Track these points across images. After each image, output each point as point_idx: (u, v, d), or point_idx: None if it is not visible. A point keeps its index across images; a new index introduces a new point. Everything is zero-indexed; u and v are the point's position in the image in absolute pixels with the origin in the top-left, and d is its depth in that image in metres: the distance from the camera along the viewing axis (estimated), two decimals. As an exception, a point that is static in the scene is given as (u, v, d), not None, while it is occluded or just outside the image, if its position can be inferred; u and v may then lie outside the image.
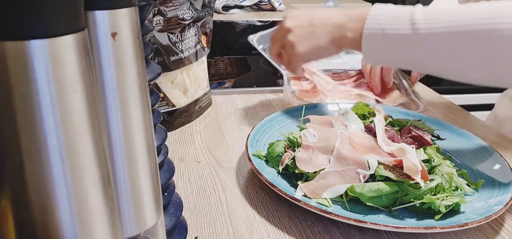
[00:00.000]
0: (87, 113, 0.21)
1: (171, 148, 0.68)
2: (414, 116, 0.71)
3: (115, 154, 0.27)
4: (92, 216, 0.22)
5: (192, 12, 0.73)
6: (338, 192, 0.51)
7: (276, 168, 0.58)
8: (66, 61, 0.20)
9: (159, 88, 0.71)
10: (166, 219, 0.39)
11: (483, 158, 0.61)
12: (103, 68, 0.25)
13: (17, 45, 0.18)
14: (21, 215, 0.20)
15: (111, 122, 0.26)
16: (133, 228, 0.29)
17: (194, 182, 0.59)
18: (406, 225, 0.47)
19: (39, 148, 0.20)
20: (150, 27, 0.38)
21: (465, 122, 0.80)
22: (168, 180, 0.39)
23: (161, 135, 0.39)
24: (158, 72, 0.37)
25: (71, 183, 0.21)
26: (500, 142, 0.72)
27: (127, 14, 0.26)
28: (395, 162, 0.52)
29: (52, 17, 0.19)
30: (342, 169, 0.52)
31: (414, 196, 0.50)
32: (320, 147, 0.56)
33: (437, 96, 0.92)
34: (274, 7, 1.63)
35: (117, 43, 0.25)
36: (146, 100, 0.28)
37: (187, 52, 0.73)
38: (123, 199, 0.28)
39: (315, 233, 0.49)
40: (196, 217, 0.51)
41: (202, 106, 0.80)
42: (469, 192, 0.54)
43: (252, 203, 0.54)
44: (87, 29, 0.22)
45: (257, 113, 0.81)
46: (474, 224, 0.46)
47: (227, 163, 0.64)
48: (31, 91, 0.19)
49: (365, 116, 0.66)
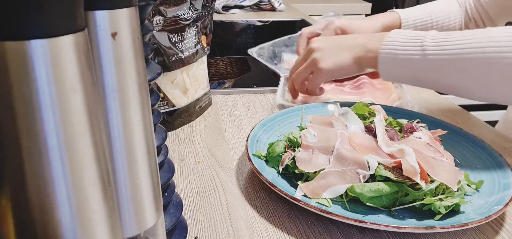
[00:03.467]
0: (87, 113, 0.21)
1: (171, 148, 0.68)
2: (414, 116, 0.71)
3: (115, 154, 0.27)
4: (92, 216, 0.22)
5: (192, 12, 0.73)
6: (338, 192, 0.51)
7: (276, 168, 0.58)
8: (66, 61, 0.20)
9: (159, 88, 0.71)
10: (166, 219, 0.39)
11: (483, 158, 0.61)
12: (103, 68, 0.25)
13: (17, 45, 0.18)
14: (21, 215, 0.20)
15: (111, 122, 0.26)
16: (133, 228, 0.29)
17: (194, 182, 0.59)
18: (406, 225, 0.47)
19: (39, 148, 0.20)
20: (150, 27, 0.38)
21: (465, 122, 0.80)
22: (168, 180, 0.39)
23: (161, 135, 0.39)
24: (158, 72, 0.37)
25: (71, 183, 0.21)
26: (500, 142, 0.72)
27: (127, 14, 0.26)
28: (394, 163, 0.52)
29: (52, 17, 0.19)
30: (342, 169, 0.52)
31: (414, 197, 0.50)
32: (320, 147, 0.56)
33: (437, 96, 0.92)
34: (274, 7, 1.63)
35: (117, 43, 0.25)
36: (146, 100, 0.28)
37: (187, 52, 0.73)
38: (123, 199, 0.28)
39: (315, 233, 0.49)
40: (196, 217, 0.51)
41: (202, 106, 0.80)
42: (469, 192, 0.54)
43: (252, 203, 0.54)
44: (87, 29, 0.22)
45: (257, 113, 0.81)
46: (474, 224, 0.46)
47: (227, 163, 0.64)
48: (31, 91, 0.19)
49: (365, 117, 0.66)
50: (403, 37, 0.66)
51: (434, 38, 0.63)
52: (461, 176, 0.54)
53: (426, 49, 0.63)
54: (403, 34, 0.67)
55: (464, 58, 0.60)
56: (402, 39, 0.66)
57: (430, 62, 0.63)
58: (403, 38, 0.66)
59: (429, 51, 0.62)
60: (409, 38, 0.65)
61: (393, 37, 0.67)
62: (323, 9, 2.12)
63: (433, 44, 0.62)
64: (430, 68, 0.63)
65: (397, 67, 0.66)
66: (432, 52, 0.62)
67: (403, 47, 0.65)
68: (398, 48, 0.65)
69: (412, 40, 0.65)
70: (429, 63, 0.63)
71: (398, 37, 0.67)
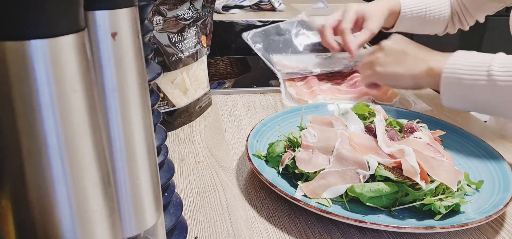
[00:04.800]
0: (87, 113, 0.21)
1: (171, 148, 0.68)
2: (414, 116, 0.71)
3: (115, 154, 0.27)
4: (92, 216, 0.22)
5: (192, 12, 0.73)
6: (338, 192, 0.51)
7: (276, 168, 0.58)
8: (66, 61, 0.20)
9: (159, 88, 0.71)
10: (166, 219, 0.39)
11: (483, 158, 0.61)
12: (103, 68, 0.25)
13: (17, 45, 0.18)
14: (21, 215, 0.20)
15: (111, 122, 0.26)
16: (133, 228, 0.29)
17: (194, 182, 0.59)
18: (406, 225, 0.47)
19: (39, 148, 0.20)
20: (150, 27, 0.38)
21: (465, 122, 0.80)
22: (168, 180, 0.39)
23: (161, 135, 0.39)
24: (158, 72, 0.37)
25: (71, 183, 0.21)
26: (500, 142, 0.72)
27: (127, 14, 0.26)
28: (394, 163, 0.52)
29: (52, 17, 0.19)
30: (342, 169, 0.52)
31: (414, 197, 0.50)
32: (320, 147, 0.56)
33: (437, 96, 0.92)
34: (274, 7, 1.63)
35: (117, 43, 0.25)
36: (146, 100, 0.28)
37: (187, 52, 0.73)
38: (123, 199, 0.28)
39: (315, 233, 0.49)
40: (196, 217, 0.51)
41: (202, 106, 0.80)
42: (469, 192, 0.54)
43: (252, 203, 0.54)
44: (87, 29, 0.22)
45: (257, 113, 0.81)
46: (474, 224, 0.46)
47: (227, 163, 0.64)
48: (31, 91, 0.19)
49: (365, 117, 0.66)
50: (468, 60, 0.64)
51: (502, 64, 0.61)
52: (461, 176, 0.54)
53: (493, 74, 0.61)
54: (468, 56, 0.65)
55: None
56: (467, 62, 0.64)
57: (498, 88, 0.61)
58: (468, 62, 0.64)
59: (497, 75, 0.61)
60: (475, 62, 0.63)
61: (457, 60, 0.65)
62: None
63: (501, 70, 0.61)
64: (498, 94, 0.61)
65: (461, 93, 0.64)
66: (501, 78, 0.60)
67: (468, 70, 0.63)
68: (463, 72, 0.64)
69: (478, 65, 0.63)
70: (497, 89, 0.61)
71: (463, 60, 0.65)
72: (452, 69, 0.65)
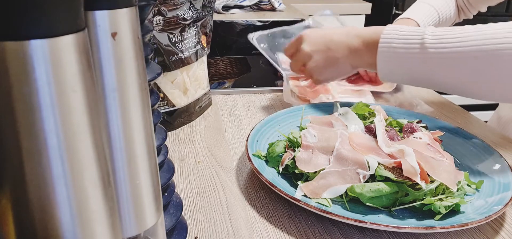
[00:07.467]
0: (87, 113, 0.21)
1: (171, 148, 0.68)
2: (414, 116, 0.71)
3: (115, 154, 0.27)
4: (92, 216, 0.22)
5: (192, 12, 0.73)
6: (338, 192, 0.51)
7: (276, 168, 0.58)
8: (66, 61, 0.20)
9: (159, 88, 0.71)
10: (166, 219, 0.39)
11: (483, 158, 0.61)
12: (103, 68, 0.25)
13: (17, 45, 0.18)
14: (21, 215, 0.20)
15: (111, 122, 0.26)
16: (133, 228, 0.29)
17: (194, 182, 0.59)
18: (406, 225, 0.47)
19: (39, 148, 0.20)
20: (150, 27, 0.38)
21: (465, 122, 0.80)
22: (168, 180, 0.39)
23: (161, 135, 0.39)
24: (158, 72, 0.37)
25: (71, 183, 0.21)
26: (500, 142, 0.72)
27: (127, 14, 0.26)
28: (394, 163, 0.52)
29: (52, 17, 0.19)
30: (342, 169, 0.52)
31: (414, 197, 0.50)
32: (320, 147, 0.56)
33: (437, 96, 0.92)
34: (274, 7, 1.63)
35: (117, 43, 0.25)
36: (146, 100, 0.28)
37: (187, 52, 0.73)
38: (123, 199, 0.28)
39: (315, 233, 0.49)
40: (196, 217, 0.51)
41: (202, 106, 0.80)
42: (469, 192, 0.54)
43: (252, 203, 0.54)
44: (87, 29, 0.22)
45: (257, 113, 0.81)
46: (474, 224, 0.46)
47: (227, 163, 0.64)
48: (31, 91, 0.19)
49: (365, 117, 0.66)
50: (402, 31, 0.63)
51: (434, 34, 0.61)
52: (461, 176, 0.54)
53: (425, 42, 0.60)
54: (400, 28, 0.64)
55: (466, 52, 0.58)
56: (401, 32, 0.63)
57: (430, 57, 0.60)
58: (402, 32, 0.63)
59: (429, 44, 0.60)
60: (408, 32, 0.63)
61: (390, 32, 0.64)
62: (323, 9, 2.12)
63: (433, 40, 0.60)
64: (430, 63, 0.61)
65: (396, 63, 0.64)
66: (433, 46, 0.60)
67: (401, 41, 0.63)
68: (396, 42, 0.63)
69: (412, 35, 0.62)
70: (429, 58, 0.60)
71: (395, 32, 0.64)
72: (386, 41, 0.64)
